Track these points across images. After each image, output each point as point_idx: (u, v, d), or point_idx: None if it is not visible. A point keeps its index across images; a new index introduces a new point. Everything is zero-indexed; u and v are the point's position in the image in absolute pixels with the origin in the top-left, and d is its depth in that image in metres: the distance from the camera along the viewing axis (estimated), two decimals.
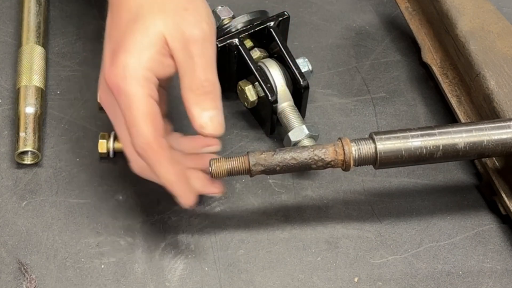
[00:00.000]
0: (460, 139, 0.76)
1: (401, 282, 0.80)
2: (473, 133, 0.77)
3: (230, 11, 0.91)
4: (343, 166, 0.76)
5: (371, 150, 0.76)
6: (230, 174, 0.75)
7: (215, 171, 0.75)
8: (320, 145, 0.76)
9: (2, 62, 0.93)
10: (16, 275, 0.78)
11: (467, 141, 0.76)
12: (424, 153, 0.76)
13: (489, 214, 0.85)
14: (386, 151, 0.76)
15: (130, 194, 0.84)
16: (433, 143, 0.76)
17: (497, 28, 0.88)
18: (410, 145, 0.76)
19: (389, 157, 0.76)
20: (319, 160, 0.75)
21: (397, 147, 0.76)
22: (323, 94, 0.93)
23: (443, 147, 0.76)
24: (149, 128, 0.71)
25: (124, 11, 0.75)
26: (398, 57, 0.97)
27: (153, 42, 0.72)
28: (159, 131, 0.72)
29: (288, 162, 0.75)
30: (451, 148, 0.76)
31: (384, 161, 0.76)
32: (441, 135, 0.76)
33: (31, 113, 0.86)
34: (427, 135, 0.76)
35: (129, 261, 0.80)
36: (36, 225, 0.82)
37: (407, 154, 0.76)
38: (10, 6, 0.98)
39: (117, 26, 0.75)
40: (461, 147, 0.76)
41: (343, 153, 0.75)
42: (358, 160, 0.76)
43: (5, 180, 0.84)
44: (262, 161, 0.75)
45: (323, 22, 0.99)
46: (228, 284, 0.79)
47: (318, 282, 0.80)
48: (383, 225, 0.84)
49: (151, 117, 0.72)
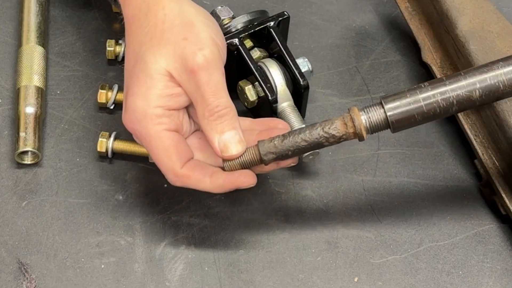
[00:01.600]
0: (474, 87, 0.72)
1: (401, 282, 0.80)
2: (487, 76, 0.72)
3: (230, 11, 0.91)
4: (356, 137, 0.73)
5: (381, 116, 0.73)
6: (244, 167, 0.75)
7: (229, 168, 0.75)
8: (329, 121, 0.73)
9: (2, 62, 0.93)
10: (16, 275, 0.78)
11: (482, 88, 0.72)
12: (438, 112, 0.72)
13: (489, 214, 0.85)
14: (398, 115, 0.72)
15: (130, 194, 0.84)
16: (446, 99, 0.72)
17: (497, 28, 0.88)
18: (421, 105, 0.72)
19: (402, 120, 0.73)
20: (331, 137, 0.73)
21: (408, 109, 0.72)
22: (323, 94, 0.93)
23: (457, 102, 0.72)
24: (173, 160, 0.74)
25: (130, 53, 0.76)
26: (398, 57, 0.97)
27: (157, 79, 0.73)
28: (185, 157, 0.74)
29: (299, 144, 0.73)
30: (466, 101, 0.72)
31: (398, 125, 0.73)
32: (453, 87, 0.72)
33: (31, 113, 0.86)
34: (438, 91, 0.72)
35: (129, 261, 0.80)
36: (36, 225, 0.82)
37: (420, 115, 0.72)
38: (10, 6, 0.98)
39: (126, 70, 0.76)
40: (477, 97, 0.72)
41: (353, 124, 0.73)
42: (370, 128, 0.73)
43: (5, 180, 0.84)
44: (273, 149, 0.74)
45: (323, 22, 0.99)
46: (228, 284, 0.79)
47: (318, 282, 0.80)
48: (383, 225, 0.84)
49: (172, 149, 0.74)
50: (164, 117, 0.74)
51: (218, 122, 0.73)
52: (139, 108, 0.73)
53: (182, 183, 0.75)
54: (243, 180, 0.75)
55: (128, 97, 0.74)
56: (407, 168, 0.87)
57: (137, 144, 0.85)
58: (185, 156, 0.75)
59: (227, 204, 0.84)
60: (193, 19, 0.75)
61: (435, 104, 0.72)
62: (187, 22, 0.75)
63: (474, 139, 0.85)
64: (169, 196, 0.84)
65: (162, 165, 0.75)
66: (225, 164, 0.75)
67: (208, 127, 0.74)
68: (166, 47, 0.74)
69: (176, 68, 0.73)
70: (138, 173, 0.85)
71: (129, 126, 0.75)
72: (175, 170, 0.74)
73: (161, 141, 0.74)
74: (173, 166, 0.74)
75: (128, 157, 0.86)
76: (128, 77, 0.76)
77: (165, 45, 0.74)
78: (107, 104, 0.89)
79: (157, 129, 0.73)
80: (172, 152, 0.74)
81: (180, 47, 0.73)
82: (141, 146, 0.85)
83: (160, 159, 0.74)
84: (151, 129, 0.73)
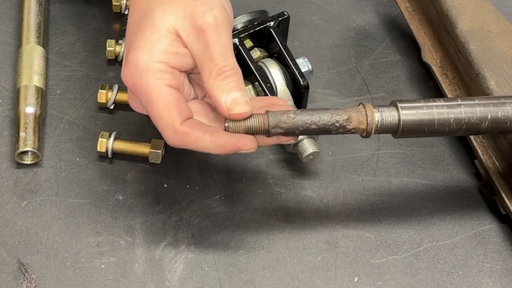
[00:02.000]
0: (485, 118, 0.73)
1: (401, 282, 0.80)
2: (499, 109, 0.74)
3: None
4: (363, 134, 0.73)
5: (394, 119, 0.73)
6: (248, 132, 0.73)
7: (233, 128, 0.72)
8: (343, 110, 0.73)
9: (2, 62, 0.93)
10: (16, 275, 0.78)
11: (492, 120, 0.74)
12: (446, 130, 0.74)
13: (489, 214, 0.85)
14: (409, 122, 0.73)
15: (130, 194, 0.84)
16: (458, 122, 0.73)
17: (497, 28, 0.88)
18: (434, 121, 0.73)
19: (411, 129, 0.73)
20: (341, 127, 0.73)
21: (421, 120, 0.73)
22: (323, 94, 0.93)
23: (466, 127, 0.74)
24: (172, 116, 0.71)
25: (136, 11, 0.75)
26: (398, 57, 0.97)
27: (164, 35, 0.72)
28: (185, 115, 0.72)
29: (309, 126, 0.72)
30: (473, 128, 0.74)
31: (405, 133, 0.73)
32: (467, 114, 0.73)
33: (31, 113, 0.86)
34: (453, 112, 0.73)
35: (129, 261, 0.80)
36: (36, 225, 0.82)
37: (429, 129, 0.73)
38: (10, 6, 0.98)
39: (130, 27, 0.75)
40: (484, 128, 0.74)
41: (366, 121, 0.72)
42: (379, 129, 0.73)
43: (5, 180, 0.84)
44: (283, 123, 0.72)
45: (323, 22, 0.99)
46: (228, 284, 0.79)
47: (318, 282, 0.80)
48: (383, 225, 0.84)
49: (172, 105, 0.71)
50: (167, 73, 0.72)
51: (225, 82, 0.72)
52: (141, 61, 0.71)
53: (181, 141, 0.72)
54: (245, 142, 0.72)
55: (130, 51, 0.72)
56: (407, 168, 0.87)
57: (137, 144, 0.85)
58: (185, 113, 0.72)
59: (227, 204, 0.84)
60: None
61: (446, 123, 0.73)
62: None
63: (474, 139, 0.85)
64: (169, 196, 0.84)
65: (161, 121, 0.72)
66: (229, 125, 0.72)
67: (214, 87, 0.72)
68: (176, 5, 0.72)
69: (184, 27, 0.72)
70: (138, 173, 0.85)
71: (128, 80, 0.73)
72: (174, 126, 0.71)
73: (161, 96, 0.71)
74: (172, 121, 0.71)
75: (128, 157, 0.86)
76: (132, 33, 0.74)
77: (176, 3, 0.73)
78: (107, 104, 0.89)
79: (158, 83, 0.71)
80: (172, 107, 0.71)
81: (190, 6, 0.72)
82: (141, 146, 0.85)
83: (159, 114, 0.71)
84: (152, 83, 0.71)
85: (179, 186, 0.85)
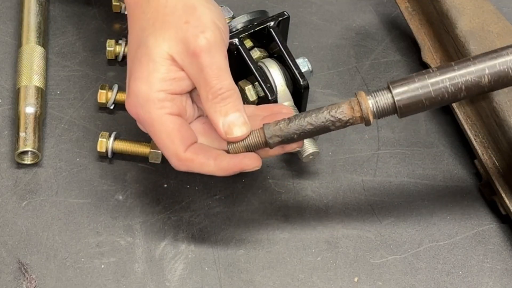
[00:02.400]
0: (483, 73, 0.71)
1: (401, 282, 0.80)
2: (496, 62, 0.71)
3: (230, 11, 0.91)
4: (363, 122, 0.73)
5: (389, 101, 0.72)
6: (249, 150, 0.74)
7: (233, 150, 0.74)
8: (335, 105, 0.73)
9: (2, 62, 0.93)
10: (16, 275, 0.78)
11: (491, 74, 0.71)
12: (446, 97, 0.72)
13: (489, 214, 0.85)
14: (405, 100, 0.72)
15: (130, 194, 0.84)
16: (454, 84, 0.71)
17: (497, 28, 0.88)
18: (430, 90, 0.72)
19: (409, 105, 0.72)
20: (337, 121, 0.73)
21: (416, 94, 0.72)
22: (323, 94, 0.93)
23: (465, 87, 0.72)
24: (176, 144, 0.73)
25: (133, 38, 0.76)
26: (398, 57, 0.97)
27: (160, 63, 0.73)
28: (188, 141, 0.74)
29: (305, 128, 0.73)
30: (474, 86, 0.72)
31: (405, 110, 0.72)
32: (462, 73, 0.71)
33: (31, 113, 0.86)
34: (446, 76, 0.71)
35: (129, 261, 0.80)
36: (36, 225, 0.82)
37: (428, 100, 0.72)
38: (10, 6, 0.98)
39: (129, 55, 0.76)
40: (486, 83, 0.72)
41: (360, 109, 0.72)
42: (377, 113, 0.73)
43: (5, 180, 0.84)
44: (278, 132, 0.73)
45: (323, 22, 0.99)
46: (228, 284, 0.79)
47: (318, 282, 0.80)
48: (383, 225, 0.84)
49: (175, 133, 0.73)
50: (167, 101, 0.73)
51: (222, 105, 0.73)
52: (141, 93, 0.73)
53: (186, 167, 0.74)
54: (248, 162, 0.74)
55: (131, 82, 0.74)
56: (407, 168, 0.87)
57: (137, 144, 0.85)
58: (188, 139, 0.74)
59: (227, 204, 0.84)
60: (195, 3, 0.75)
61: (443, 89, 0.72)
62: (189, 6, 0.74)
63: (474, 139, 0.85)
64: (169, 196, 0.84)
65: (165, 150, 0.74)
66: (229, 147, 0.74)
67: (212, 110, 0.73)
68: (168, 31, 0.73)
69: (178, 52, 0.73)
70: (138, 173, 0.85)
71: (132, 111, 0.75)
72: (178, 154, 0.73)
73: (163, 125, 0.73)
74: (176, 150, 0.73)
75: (128, 157, 0.86)
76: (131, 62, 0.75)
77: (167, 29, 0.73)
78: (107, 104, 0.89)
79: (159, 113, 0.73)
80: (174, 136, 0.73)
81: (182, 31, 0.73)
82: (141, 146, 0.85)
83: (163, 143, 0.74)
84: (154, 113, 0.73)
85: (179, 186, 0.85)
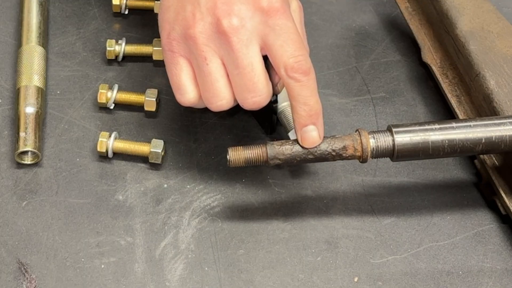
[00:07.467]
0: (479, 142, 0.76)
1: (401, 282, 0.80)
2: (493, 135, 0.76)
3: None
4: (360, 160, 0.77)
5: (389, 144, 0.76)
6: (248, 164, 0.76)
7: (233, 160, 0.76)
8: (338, 139, 0.76)
9: (2, 62, 0.93)
10: (16, 275, 0.78)
11: (486, 143, 0.76)
12: (440, 154, 0.76)
13: (489, 214, 0.85)
14: (404, 146, 0.76)
15: (130, 194, 0.84)
16: (452, 146, 0.76)
17: (497, 28, 0.88)
18: (429, 146, 0.76)
19: (406, 151, 0.76)
20: (337, 155, 0.76)
21: (415, 142, 0.76)
22: (323, 94, 0.93)
23: (460, 150, 0.76)
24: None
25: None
26: (398, 57, 0.97)
27: None
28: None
29: (306, 156, 0.76)
30: (468, 151, 0.77)
31: (401, 155, 0.76)
32: (461, 138, 0.76)
33: (31, 113, 0.86)
34: (447, 138, 0.76)
35: (129, 261, 0.80)
36: (36, 225, 0.82)
37: (424, 153, 0.76)
38: (10, 6, 0.98)
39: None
40: (479, 150, 0.77)
41: (361, 149, 0.76)
42: (375, 154, 0.76)
43: (5, 180, 0.84)
44: (281, 155, 0.76)
45: (323, 22, 0.99)
46: (228, 284, 0.79)
47: (318, 282, 0.80)
48: (383, 225, 0.84)
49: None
50: None
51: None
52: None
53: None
54: None
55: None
56: (407, 168, 0.87)
57: (137, 144, 0.85)
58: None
59: (227, 204, 0.84)
60: None
61: (440, 148, 0.76)
62: None
63: None
64: (169, 196, 0.84)
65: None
66: (229, 155, 0.76)
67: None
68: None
69: None
70: (138, 173, 0.85)
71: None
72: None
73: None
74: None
75: (128, 157, 0.86)
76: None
77: None
78: (107, 104, 0.89)
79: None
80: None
81: None
82: (141, 146, 0.85)
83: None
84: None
85: (179, 186, 0.85)
